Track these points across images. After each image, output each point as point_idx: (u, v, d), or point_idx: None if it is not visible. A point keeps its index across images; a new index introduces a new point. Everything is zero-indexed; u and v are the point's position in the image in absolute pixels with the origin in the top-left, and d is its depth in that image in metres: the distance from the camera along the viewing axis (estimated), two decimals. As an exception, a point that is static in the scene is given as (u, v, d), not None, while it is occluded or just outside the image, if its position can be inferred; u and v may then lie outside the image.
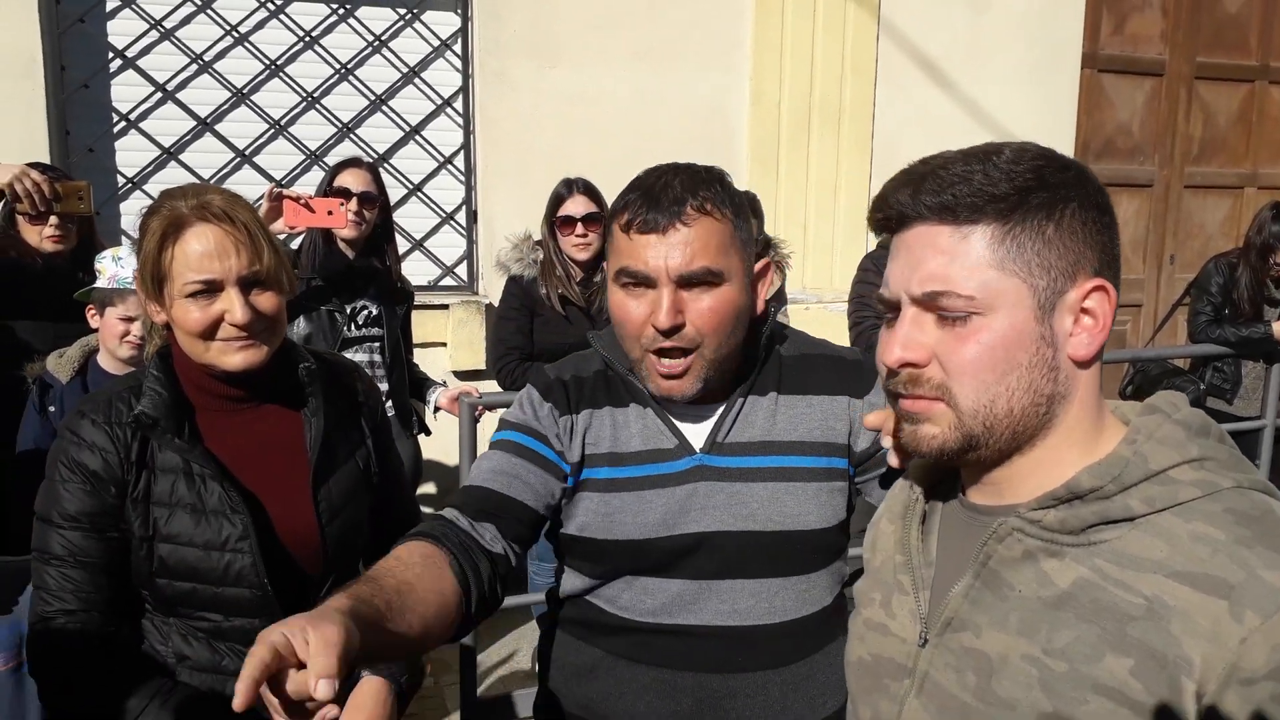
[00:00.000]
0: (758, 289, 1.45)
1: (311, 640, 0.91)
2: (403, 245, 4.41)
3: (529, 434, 1.48)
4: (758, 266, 1.45)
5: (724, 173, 1.43)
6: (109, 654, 1.53)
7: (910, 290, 0.92)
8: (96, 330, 2.77)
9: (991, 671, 0.91)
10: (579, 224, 3.41)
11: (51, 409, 2.68)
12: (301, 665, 0.91)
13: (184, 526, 1.53)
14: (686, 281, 1.34)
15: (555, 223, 3.47)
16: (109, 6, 4.18)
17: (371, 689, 1.59)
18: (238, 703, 0.86)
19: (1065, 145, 5.54)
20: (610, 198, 3.64)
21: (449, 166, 4.68)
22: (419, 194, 4.65)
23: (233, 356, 1.54)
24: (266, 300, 1.56)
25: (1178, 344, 5.33)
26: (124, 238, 4.01)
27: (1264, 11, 6.17)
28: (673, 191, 1.35)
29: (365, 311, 3.17)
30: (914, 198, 0.91)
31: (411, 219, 4.64)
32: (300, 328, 3.06)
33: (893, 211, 0.93)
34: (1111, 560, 0.87)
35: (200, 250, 1.51)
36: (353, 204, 3.09)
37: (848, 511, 1.53)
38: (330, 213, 2.97)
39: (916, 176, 0.92)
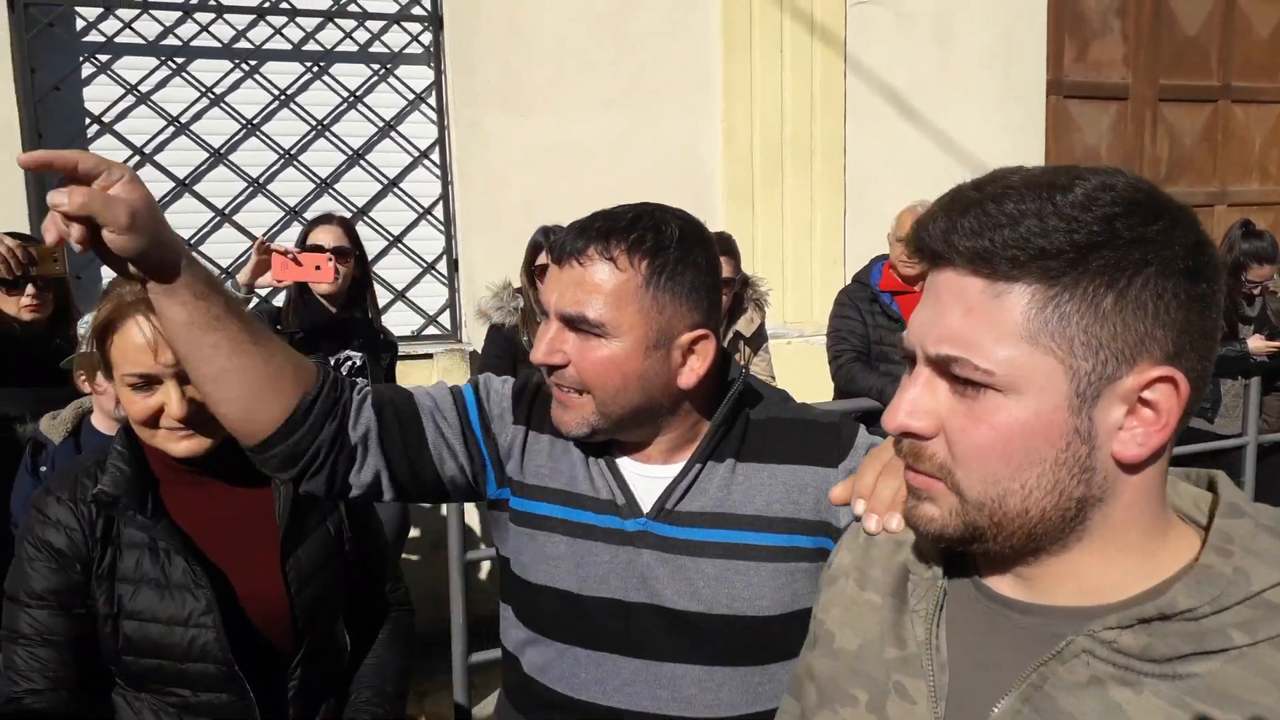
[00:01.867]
0: (684, 360, 1.29)
1: (116, 186, 1.04)
2: (385, 296, 4.44)
3: (480, 411, 1.38)
4: (689, 337, 1.28)
5: (680, 227, 1.29)
6: None
7: (925, 347, 0.77)
8: (87, 394, 2.79)
9: None
10: (557, 271, 3.45)
11: (44, 469, 2.68)
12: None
13: (148, 603, 1.52)
14: (570, 323, 1.27)
15: (534, 270, 3.50)
16: (84, 73, 4.22)
17: None
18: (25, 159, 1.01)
19: (1035, 172, 5.63)
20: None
21: (428, 217, 4.72)
22: (399, 245, 4.68)
23: (176, 445, 1.54)
24: None
25: (1156, 363, 5.38)
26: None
27: (1223, 32, 6.30)
28: (590, 230, 1.27)
29: (349, 363, 3.20)
30: (947, 235, 0.74)
31: (393, 270, 4.67)
32: None
33: (925, 244, 0.77)
34: (1204, 699, 0.71)
35: (136, 343, 1.50)
36: (334, 261, 3.14)
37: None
38: (318, 267, 3.02)
39: (961, 205, 0.74)
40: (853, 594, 0.94)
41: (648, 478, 1.34)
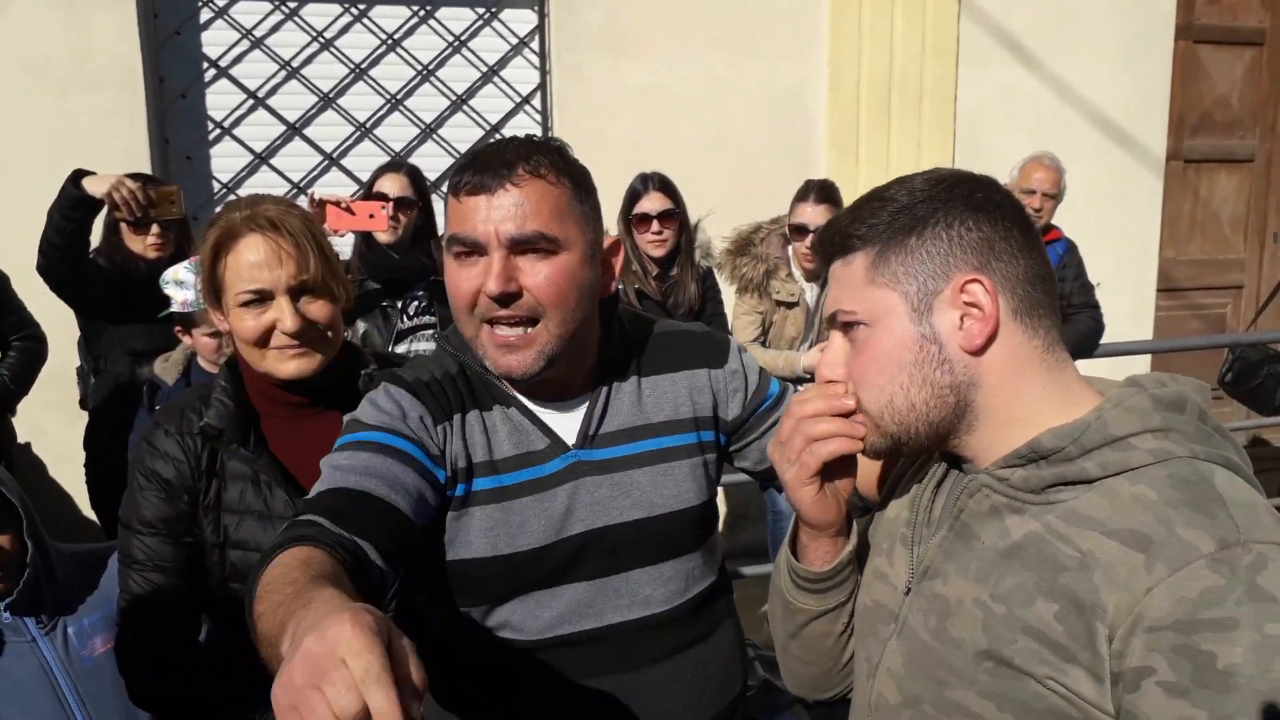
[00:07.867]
0: (608, 267, 1.38)
1: (400, 652, 0.72)
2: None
3: (398, 435, 1.27)
4: (607, 244, 1.38)
5: (564, 144, 1.35)
6: (188, 649, 1.60)
7: (825, 315, 1.08)
8: (186, 342, 2.94)
9: (948, 614, 1.00)
10: (654, 221, 3.44)
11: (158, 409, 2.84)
12: None
13: (252, 532, 1.58)
14: (520, 246, 1.26)
15: (631, 219, 3.50)
16: (203, 18, 4.34)
17: None
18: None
19: (1159, 121, 5.37)
20: (686, 189, 3.67)
21: (529, 162, 4.73)
22: (500, 190, 4.72)
23: (286, 364, 1.57)
24: (317, 309, 1.58)
25: (1281, 325, 5.12)
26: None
27: (1376, -28, 5.85)
28: (505, 155, 1.27)
29: (415, 303, 3.22)
30: (823, 242, 1.08)
31: (493, 215, 4.72)
32: (357, 325, 3.16)
33: (818, 250, 1.11)
34: (1062, 518, 0.93)
35: (250, 260, 1.54)
36: (389, 208, 3.15)
37: (717, 481, 1.51)
38: (371, 215, 3.03)
39: (833, 221, 1.07)
40: (904, 484, 1.20)
41: (564, 415, 1.40)
